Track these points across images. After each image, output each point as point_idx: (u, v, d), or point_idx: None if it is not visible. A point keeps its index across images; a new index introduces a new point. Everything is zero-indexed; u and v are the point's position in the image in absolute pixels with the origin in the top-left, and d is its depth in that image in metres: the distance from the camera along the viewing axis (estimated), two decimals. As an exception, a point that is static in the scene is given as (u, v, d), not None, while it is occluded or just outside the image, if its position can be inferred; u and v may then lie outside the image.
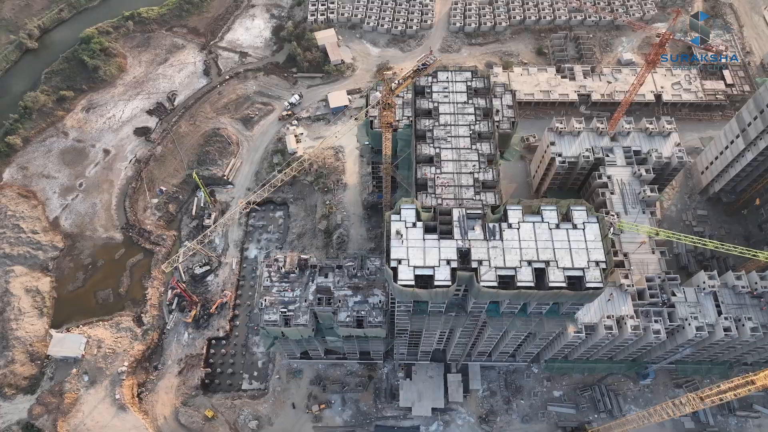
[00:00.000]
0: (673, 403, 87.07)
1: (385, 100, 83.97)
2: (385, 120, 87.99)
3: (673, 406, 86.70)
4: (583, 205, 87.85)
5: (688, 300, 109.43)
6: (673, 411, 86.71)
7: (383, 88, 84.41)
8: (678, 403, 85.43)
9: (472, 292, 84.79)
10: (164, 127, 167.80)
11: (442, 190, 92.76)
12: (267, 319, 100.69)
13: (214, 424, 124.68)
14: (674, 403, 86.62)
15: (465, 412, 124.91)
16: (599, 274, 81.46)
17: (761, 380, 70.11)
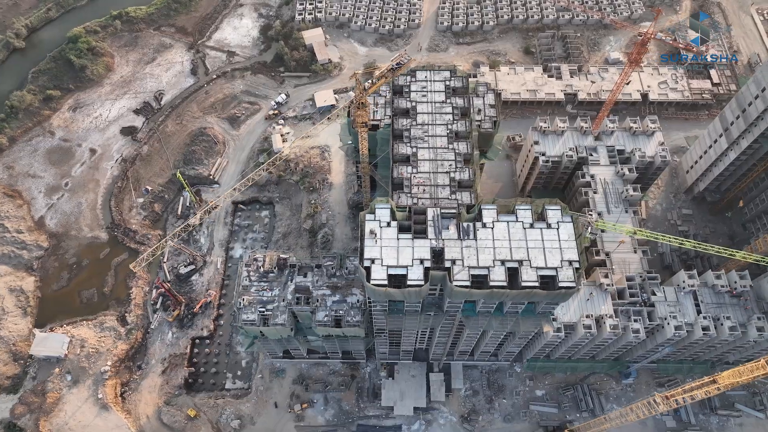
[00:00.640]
0: (646, 403, 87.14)
1: (358, 99, 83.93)
2: (360, 119, 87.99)
3: (647, 405, 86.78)
4: (558, 205, 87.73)
5: (667, 299, 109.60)
6: (648, 410, 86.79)
7: (356, 87, 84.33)
8: (650, 403, 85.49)
9: (446, 292, 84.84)
10: (151, 126, 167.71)
11: (418, 190, 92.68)
12: (245, 318, 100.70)
13: (197, 423, 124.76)
14: (647, 403, 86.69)
15: (447, 411, 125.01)
16: (572, 274, 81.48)
17: (724, 380, 70.16)
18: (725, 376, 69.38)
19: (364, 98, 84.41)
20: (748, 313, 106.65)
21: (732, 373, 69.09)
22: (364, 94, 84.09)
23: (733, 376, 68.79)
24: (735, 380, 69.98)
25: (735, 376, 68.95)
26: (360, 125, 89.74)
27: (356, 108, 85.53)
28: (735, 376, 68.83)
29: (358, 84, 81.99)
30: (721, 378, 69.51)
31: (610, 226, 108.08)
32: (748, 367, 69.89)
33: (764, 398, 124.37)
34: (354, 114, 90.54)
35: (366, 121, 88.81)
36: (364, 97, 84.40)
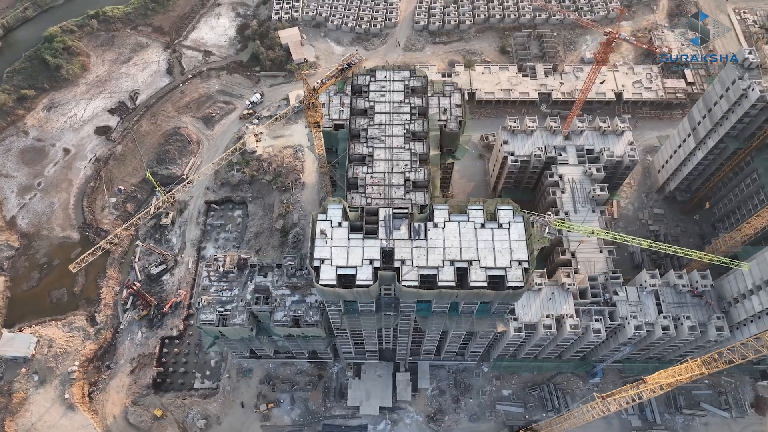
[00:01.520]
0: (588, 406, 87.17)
1: (307, 100, 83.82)
2: (312, 120, 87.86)
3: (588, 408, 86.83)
4: (509, 205, 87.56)
5: (629, 299, 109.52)
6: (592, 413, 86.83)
7: (304, 88, 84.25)
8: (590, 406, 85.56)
9: (396, 292, 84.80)
10: (125, 126, 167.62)
11: (373, 190, 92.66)
12: (203, 318, 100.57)
13: (163, 423, 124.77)
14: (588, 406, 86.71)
15: (413, 411, 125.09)
16: (521, 274, 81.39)
17: (652, 381, 70.18)
18: (653, 377, 69.37)
19: (314, 98, 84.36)
20: (709, 312, 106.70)
21: (659, 375, 69.12)
22: (313, 95, 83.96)
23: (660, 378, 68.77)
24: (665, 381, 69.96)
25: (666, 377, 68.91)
26: (312, 125, 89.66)
27: (306, 108, 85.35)
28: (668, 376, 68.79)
29: (306, 85, 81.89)
30: (650, 379, 69.58)
31: (568, 225, 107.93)
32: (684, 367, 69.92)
33: (730, 398, 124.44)
34: (305, 114, 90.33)
35: (318, 121, 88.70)
36: (314, 98, 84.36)
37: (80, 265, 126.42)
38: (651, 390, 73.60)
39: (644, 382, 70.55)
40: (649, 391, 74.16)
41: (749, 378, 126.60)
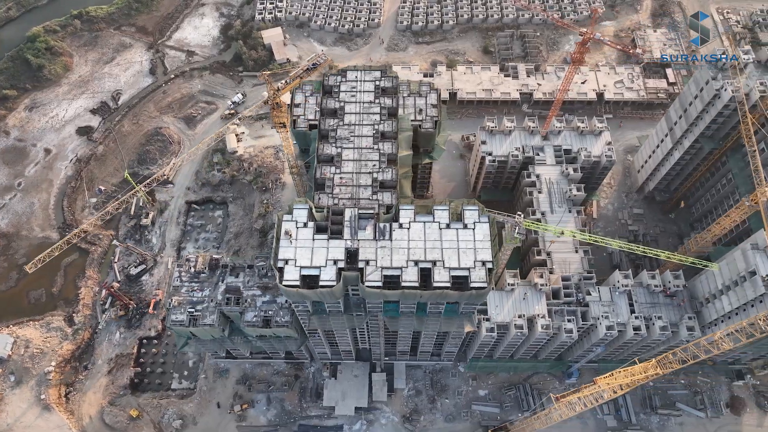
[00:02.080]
0: (564, 405, 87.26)
1: (271, 100, 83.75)
2: (277, 120, 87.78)
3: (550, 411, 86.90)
4: (475, 205, 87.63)
5: (602, 299, 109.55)
6: (561, 413, 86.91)
7: (267, 88, 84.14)
8: (564, 405, 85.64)
9: (361, 292, 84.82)
10: (107, 126, 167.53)
11: (340, 190, 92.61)
12: (174, 319, 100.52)
13: (139, 423, 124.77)
14: (565, 405, 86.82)
15: (389, 411, 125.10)
16: (485, 274, 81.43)
17: (601, 381, 70.27)
18: (603, 379, 69.45)
19: (278, 98, 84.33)
20: (681, 312, 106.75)
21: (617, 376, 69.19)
22: (277, 95, 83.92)
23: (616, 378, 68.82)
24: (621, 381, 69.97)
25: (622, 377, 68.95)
26: (278, 126, 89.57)
27: (271, 108, 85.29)
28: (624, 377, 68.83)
29: (269, 85, 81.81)
30: (600, 380, 69.68)
31: (537, 226, 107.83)
32: (640, 368, 69.95)
33: (705, 398, 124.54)
34: (270, 115, 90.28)
35: (283, 122, 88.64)
36: (278, 98, 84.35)
37: (36, 265, 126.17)
38: (612, 390, 73.53)
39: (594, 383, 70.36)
40: (610, 392, 74.08)
41: (725, 378, 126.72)
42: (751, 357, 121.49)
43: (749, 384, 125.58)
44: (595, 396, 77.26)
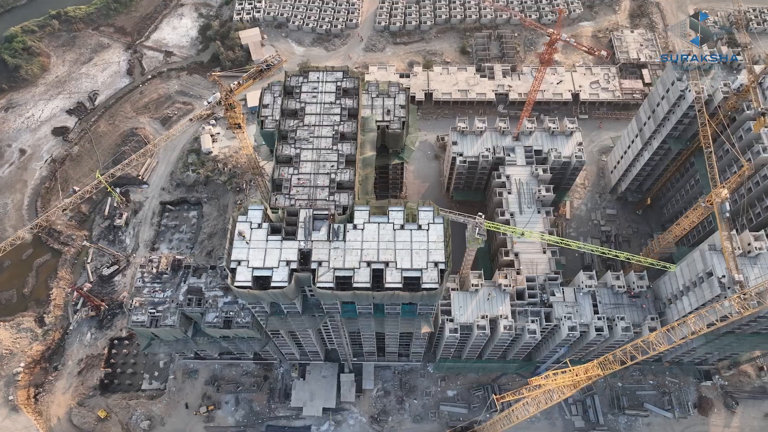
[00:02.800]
0: (521, 405, 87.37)
1: (224, 101, 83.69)
2: (232, 121, 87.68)
3: (522, 407, 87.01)
4: (431, 206, 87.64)
5: (566, 300, 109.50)
6: (523, 413, 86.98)
7: (219, 90, 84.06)
8: (523, 405, 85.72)
9: (314, 293, 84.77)
10: (83, 126, 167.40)
11: (297, 191, 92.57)
12: (134, 319, 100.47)
13: (107, 424, 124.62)
14: (522, 405, 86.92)
15: (357, 411, 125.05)
16: (437, 275, 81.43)
17: (535, 382, 70.38)
18: (535, 379, 69.55)
19: (231, 99, 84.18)
20: (644, 313, 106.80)
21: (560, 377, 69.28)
22: (230, 96, 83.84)
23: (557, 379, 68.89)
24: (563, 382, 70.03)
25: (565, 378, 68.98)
26: (233, 127, 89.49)
27: (225, 110, 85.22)
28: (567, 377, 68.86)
29: (220, 87, 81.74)
30: (534, 380, 69.76)
31: (498, 227, 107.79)
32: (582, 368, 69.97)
33: (673, 398, 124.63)
34: (225, 116, 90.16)
35: (239, 123, 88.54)
36: (231, 99, 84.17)
37: None
38: (560, 391, 73.54)
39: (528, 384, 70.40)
40: (558, 392, 74.10)
41: (693, 379, 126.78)
42: (717, 358, 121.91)
43: (717, 385, 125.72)
44: (545, 397, 77.23)
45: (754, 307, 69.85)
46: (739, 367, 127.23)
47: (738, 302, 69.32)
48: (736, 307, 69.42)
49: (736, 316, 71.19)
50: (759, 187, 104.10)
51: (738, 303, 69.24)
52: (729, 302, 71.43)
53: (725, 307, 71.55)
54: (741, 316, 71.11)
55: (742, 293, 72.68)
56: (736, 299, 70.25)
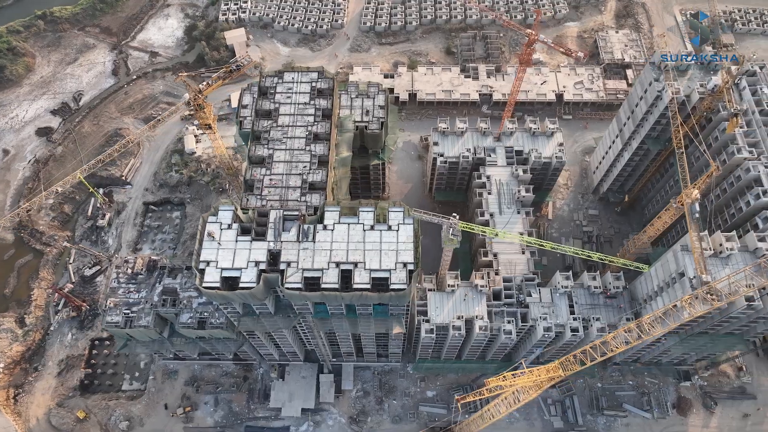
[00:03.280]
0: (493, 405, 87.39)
1: (193, 102, 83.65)
2: (202, 121, 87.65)
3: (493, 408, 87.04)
4: (401, 207, 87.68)
5: (543, 301, 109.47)
6: (494, 413, 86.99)
7: (188, 90, 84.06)
8: (495, 406, 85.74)
9: (284, 294, 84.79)
10: (67, 127, 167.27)
11: (269, 192, 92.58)
12: (109, 320, 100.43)
13: (86, 425, 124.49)
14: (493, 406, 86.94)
15: (336, 412, 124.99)
16: (405, 276, 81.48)
17: (491, 384, 70.45)
18: (492, 380, 69.61)
19: (201, 100, 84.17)
20: (621, 313, 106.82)
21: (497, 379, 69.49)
22: (199, 96, 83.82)
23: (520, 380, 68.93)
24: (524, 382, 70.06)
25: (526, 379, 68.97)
26: (204, 127, 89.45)
27: (195, 110, 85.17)
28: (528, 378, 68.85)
29: (188, 87, 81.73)
30: (490, 381, 69.82)
31: (473, 228, 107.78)
32: (543, 369, 69.98)
33: (652, 398, 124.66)
34: (196, 116, 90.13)
35: (209, 123, 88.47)
36: (201, 99, 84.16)
37: None
38: (526, 391, 73.54)
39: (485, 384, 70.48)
40: (524, 393, 74.10)
41: (672, 379, 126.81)
42: (695, 358, 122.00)
43: (696, 385, 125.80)
44: (513, 397, 77.23)
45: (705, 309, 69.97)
46: (718, 367, 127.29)
47: (688, 302, 69.48)
48: (687, 308, 69.60)
49: (688, 317, 71.32)
50: (733, 187, 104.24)
51: (688, 303, 69.38)
52: (680, 303, 71.53)
53: (679, 309, 71.55)
54: (691, 317, 71.34)
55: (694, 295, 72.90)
56: (686, 300, 70.43)
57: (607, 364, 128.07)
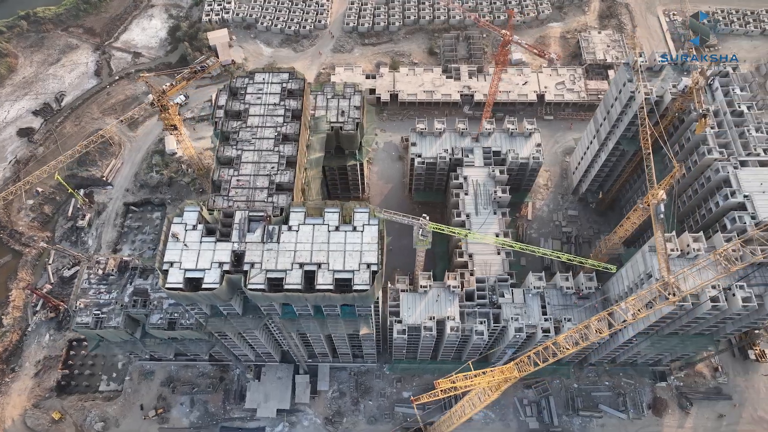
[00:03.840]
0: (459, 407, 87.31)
1: (157, 102, 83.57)
2: (167, 122, 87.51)
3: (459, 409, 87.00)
4: (366, 208, 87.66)
5: (515, 301, 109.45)
6: (460, 414, 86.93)
7: (151, 91, 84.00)
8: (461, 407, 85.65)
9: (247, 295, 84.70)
10: (49, 128, 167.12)
11: (236, 193, 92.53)
12: (78, 321, 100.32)
13: (61, 426, 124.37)
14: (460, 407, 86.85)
15: (312, 413, 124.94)
16: (368, 277, 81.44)
17: (441, 385, 70.43)
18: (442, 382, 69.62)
19: (165, 101, 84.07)
20: (593, 314, 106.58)
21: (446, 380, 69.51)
22: (163, 97, 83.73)
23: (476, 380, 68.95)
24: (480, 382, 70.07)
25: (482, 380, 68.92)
26: (169, 128, 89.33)
27: (160, 111, 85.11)
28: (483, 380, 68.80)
29: (152, 88, 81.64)
30: (441, 383, 69.83)
31: (443, 228, 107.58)
32: (499, 370, 69.95)
33: (627, 399, 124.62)
34: (160, 117, 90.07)
35: (174, 124, 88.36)
36: (165, 100, 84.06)
37: None
38: (485, 393, 73.47)
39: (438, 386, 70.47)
40: (484, 393, 74.01)
41: (648, 380, 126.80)
42: (670, 359, 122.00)
43: (672, 385, 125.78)
44: (479, 396, 77.14)
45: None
46: (694, 368, 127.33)
47: (632, 304, 69.60)
48: (631, 309, 69.70)
49: (632, 319, 71.37)
50: (704, 188, 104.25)
51: (632, 305, 69.51)
52: (624, 304, 71.64)
53: (623, 309, 71.59)
54: (635, 319, 71.49)
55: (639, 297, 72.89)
56: (631, 301, 70.60)
57: (584, 365, 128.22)
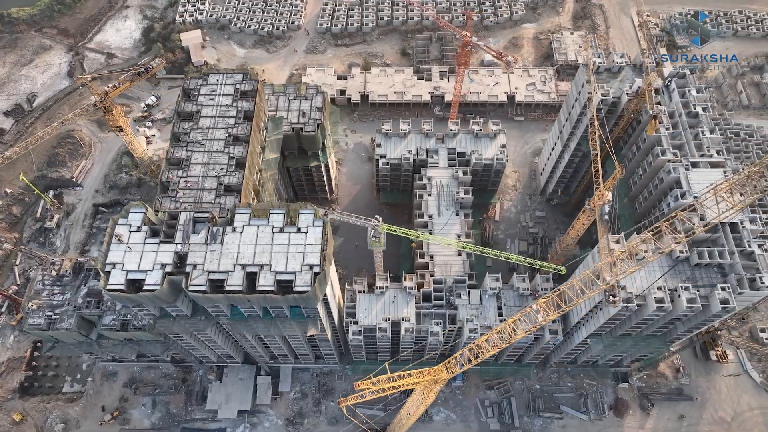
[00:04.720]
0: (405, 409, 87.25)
1: (100, 104, 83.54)
2: (112, 124, 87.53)
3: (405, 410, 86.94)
4: (311, 209, 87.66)
5: (472, 302, 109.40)
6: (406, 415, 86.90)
7: (93, 93, 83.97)
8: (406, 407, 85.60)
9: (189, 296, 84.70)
10: (19, 128, 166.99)
11: (184, 194, 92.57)
12: (30, 322, 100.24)
13: (22, 427, 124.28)
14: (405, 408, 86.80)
15: (273, 414, 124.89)
16: (310, 278, 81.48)
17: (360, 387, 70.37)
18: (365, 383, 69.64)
19: (108, 102, 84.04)
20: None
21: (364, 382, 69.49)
22: (106, 99, 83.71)
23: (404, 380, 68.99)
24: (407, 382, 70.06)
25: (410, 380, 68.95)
26: (115, 129, 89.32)
27: (104, 113, 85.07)
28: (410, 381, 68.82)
29: (93, 90, 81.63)
30: (362, 384, 69.74)
31: (395, 230, 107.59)
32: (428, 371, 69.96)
33: (589, 400, 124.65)
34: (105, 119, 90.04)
35: (120, 126, 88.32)
36: (108, 102, 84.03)
37: None
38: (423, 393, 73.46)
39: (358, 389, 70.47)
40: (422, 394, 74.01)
41: (610, 381, 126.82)
42: (630, 359, 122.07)
43: (634, 386, 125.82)
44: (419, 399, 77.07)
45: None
46: (657, 368, 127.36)
47: (542, 306, 69.77)
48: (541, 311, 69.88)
49: (543, 321, 71.51)
50: (658, 189, 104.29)
51: (542, 307, 69.67)
52: (535, 306, 71.75)
53: (534, 311, 71.69)
54: (546, 321, 71.69)
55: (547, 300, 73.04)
56: (541, 302, 70.79)
57: (546, 366, 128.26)
